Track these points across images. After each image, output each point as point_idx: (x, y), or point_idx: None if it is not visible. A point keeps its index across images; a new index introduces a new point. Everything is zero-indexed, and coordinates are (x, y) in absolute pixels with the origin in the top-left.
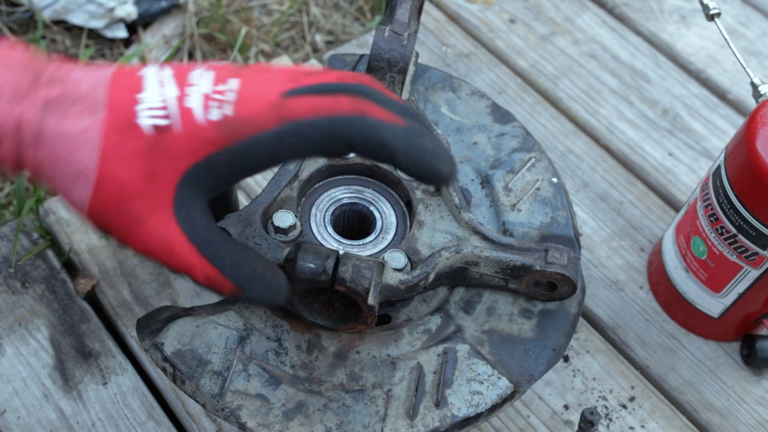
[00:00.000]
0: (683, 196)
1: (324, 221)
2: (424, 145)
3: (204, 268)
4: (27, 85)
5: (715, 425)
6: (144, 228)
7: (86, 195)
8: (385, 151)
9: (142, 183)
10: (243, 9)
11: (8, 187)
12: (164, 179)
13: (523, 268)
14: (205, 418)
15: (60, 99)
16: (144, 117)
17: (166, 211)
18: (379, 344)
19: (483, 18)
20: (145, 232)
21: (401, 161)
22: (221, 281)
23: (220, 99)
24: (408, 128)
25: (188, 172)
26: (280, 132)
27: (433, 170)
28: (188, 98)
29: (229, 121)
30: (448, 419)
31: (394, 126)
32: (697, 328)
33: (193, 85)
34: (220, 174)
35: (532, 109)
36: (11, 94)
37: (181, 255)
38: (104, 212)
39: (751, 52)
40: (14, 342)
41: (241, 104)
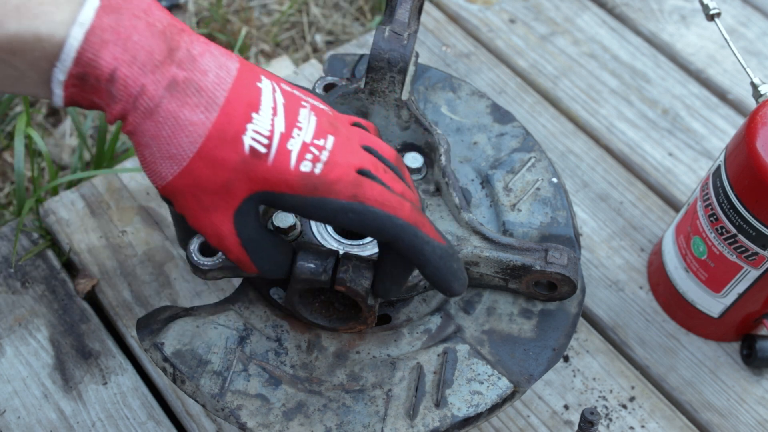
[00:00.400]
0: (683, 196)
1: None
2: (451, 266)
3: (238, 254)
4: (161, 58)
5: (715, 425)
6: (205, 216)
7: (170, 174)
8: (419, 261)
9: (219, 187)
10: (243, 9)
11: (8, 187)
12: (237, 191)
13: (523, 268)
14: (205, 418)
15: (185, 84)
16: (249, 136)
17: (228, 212)
18: (379, 344)
19: (483, 18)
20: (205, 219)
21: (428, 272)
22: (248, 266)
23: (315, 155)
24: (445, 247)
25: (259, 194)
26: (347, 206)
27: (450, 287)
28: (291, 141)
29: (313, 178)
30: (448, 419)
31: (434, 243)
32: (697, 328)
33: (299, 128)
34: (279, 205)
35: (532, 109)
36: (144, 61)
37: (226, 243)
38: (178, 192)
39: (751, 52)
40: (14, 342)
41: (328, 167)
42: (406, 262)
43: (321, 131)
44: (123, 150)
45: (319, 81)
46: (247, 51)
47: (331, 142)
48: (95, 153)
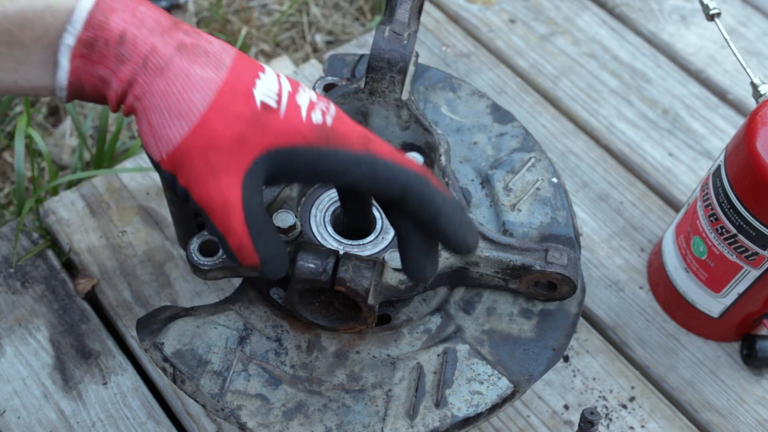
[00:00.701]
0: (683, 196)
1: (324, 221)
2: (463, 218)
3: (241, 236)
4: (168, 26)
5: (715, 425)
6: (214, 180)
7: (181, 133)
8: (432, 212)
9: (232, 142)
10: (243, 9)
11: (8, 187)
12: (250, 147)
13: (523, 268)
14: (205, 418)
15: (193, 47)
16: (260, 91)
17: (238, 174)
18: (379, 344)
19: (483, 18)
20: (213, 185)
21: (441, 225)
22: (249, 253)
23: (323, 110)
24: (455, 201)
25: (272, 152)
26: (360, 157)
27: (465, 241)
28: (299, 96)
29: (325, 128)
30: (448, 419)
31: (445, 196)
32: (697, 328)
33: (303, 89)
34: (291, 167)
35: (532, 109)
36: (152, 27)
37: (231, 217)
38: (186, 156)
39: (751, 52)
40: (14, 342)
41: (338, 122)
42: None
43: (321, 97)
44: (123, 150)
45: (319, 81)
46: (247, 51)
47: (333, 107)
48: (95, 153)
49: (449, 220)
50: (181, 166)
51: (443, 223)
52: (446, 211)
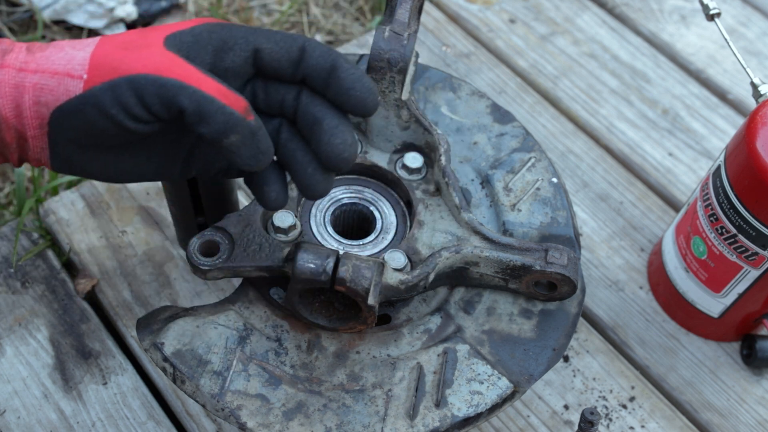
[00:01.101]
0: (683, 196)
1: (324, 221)
2: (358, 70)
3: (212, 83)
4: (7, 46)
5: (715, 425)
6: (144, 51)
7: (87, 50)
8: (331, 59)
9: (137, 37)
10: (243, 9)
11: (8, 187)
12: (153, 37)
13: (523, 268)
14: (205, 418)
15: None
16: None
17: (161, 46)
18: (379, 344)
19: (483, 18)
20: (145, 55)
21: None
22: (234, 96)
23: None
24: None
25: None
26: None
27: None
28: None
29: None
30: (448, 419)
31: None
32: (697, 328)
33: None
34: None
35: (532, 109)
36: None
37: (184, 69)
38: (105, 56)
39: (751, 52)
40: (14, 342)
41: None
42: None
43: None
44: None
45: None
46: None
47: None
48: None
49: (349, 70)
50: (105, 65)
51: (344, 71)
52: (342, 60)
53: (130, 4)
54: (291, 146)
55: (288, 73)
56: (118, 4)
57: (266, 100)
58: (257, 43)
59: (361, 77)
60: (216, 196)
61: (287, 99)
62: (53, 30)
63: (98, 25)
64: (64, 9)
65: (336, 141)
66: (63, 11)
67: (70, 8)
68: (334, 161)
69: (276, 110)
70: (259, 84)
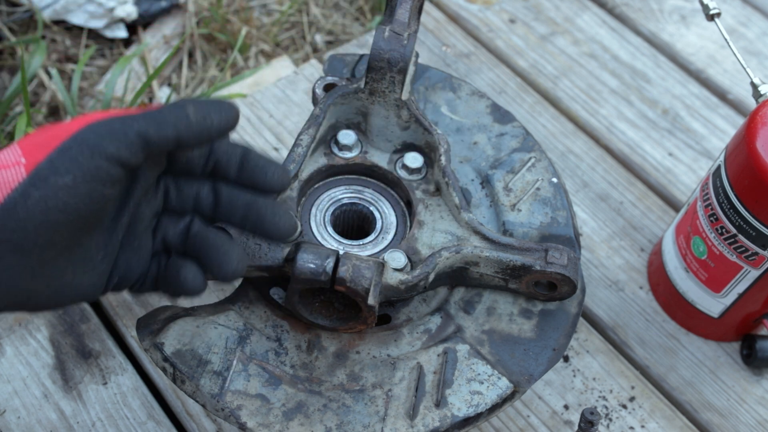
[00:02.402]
0: (683, 196)
1: (324, 221)
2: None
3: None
4: None
5: (715, 425)
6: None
7: (11, 147)
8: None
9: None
10: (243, 9)
11: None
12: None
13: (523, 268)
14: (205, 418)
15: None
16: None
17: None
18: (379, 344)
19: (483, 18)
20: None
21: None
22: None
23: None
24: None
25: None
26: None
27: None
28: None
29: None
30: (448, 419)
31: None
32: (697, 328)
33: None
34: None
35: (532, 109)
36: None
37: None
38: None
39: (751, 52)
40: (14, 342)
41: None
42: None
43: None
44: None
45: (319, 81)
46: (247, 51)
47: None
48: None
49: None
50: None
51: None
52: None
53: (130, 4)
54: (203, 234)
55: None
56: (118, 4)
57: (179, 197)
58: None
59: (269, 159)
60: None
61: (202, 192)
62: (53, 30)
63: (98, 25)
64: (64, 9)
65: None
66: (63, 11)
67: (70, 8)
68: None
69: (189, 206)
70: (170, 180)
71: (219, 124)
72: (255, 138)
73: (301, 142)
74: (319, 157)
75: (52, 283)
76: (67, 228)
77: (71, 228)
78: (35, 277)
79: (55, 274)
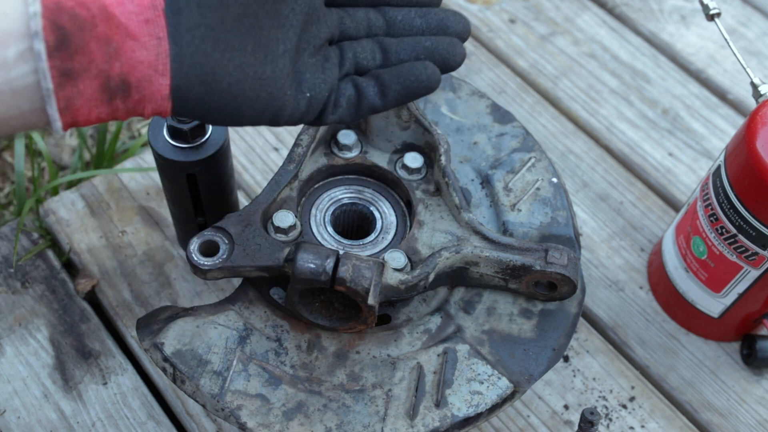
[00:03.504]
0: (683, 196)
1: (324, 221)
2: None
3: None
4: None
5: (715, 425)
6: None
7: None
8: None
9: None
10: None
11: (8, 187)
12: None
13: (523, 268)
14: (205, 418)
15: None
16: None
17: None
18: (379, 344)
19: (483, 18)
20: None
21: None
22: None
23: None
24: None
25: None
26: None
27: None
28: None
29: None
30: (448, 419)
31: None
32: (697, 328)
33: None
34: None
35: (532, 109)
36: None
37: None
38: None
39: (751, 52)
40: (14, 342)
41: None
42: None
43: None
44: (123, 150)
45: None
46: None
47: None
48: (95, 153)
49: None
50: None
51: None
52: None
53: None
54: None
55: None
56: None
57: (353, 22)
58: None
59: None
60: (216, 196)
61: (371, 16)
62: None
63: None
64: None
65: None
66: None
67: None
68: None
69: (363, 31)
70: (340, 10)
71: None
72: (255, 138)
73: (301, 142)
74: (319, 157)
75: (234, 57)
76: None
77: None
78: (217, 44)
79: (234, 43)
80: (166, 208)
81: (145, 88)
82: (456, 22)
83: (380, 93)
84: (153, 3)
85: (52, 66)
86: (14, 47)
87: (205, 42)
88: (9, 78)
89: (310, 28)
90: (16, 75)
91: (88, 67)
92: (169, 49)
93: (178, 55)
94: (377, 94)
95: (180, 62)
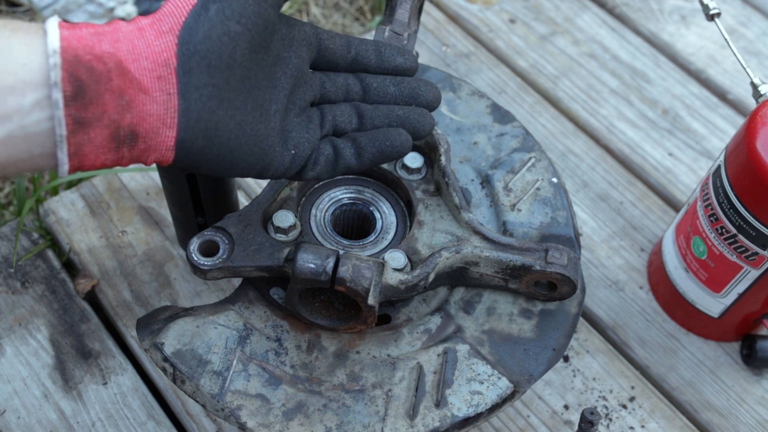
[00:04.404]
0: (683, 196)
1: (324, 221)
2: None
3: None
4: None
5: (715, 425)
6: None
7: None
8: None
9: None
10: None
11: (8, 187)
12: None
13: (523, 268)
14: (205, 418)
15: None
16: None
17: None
18: (379, 344)
19: (483, 18)
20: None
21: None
22: None
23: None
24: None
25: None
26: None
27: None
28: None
29: None
30: (448, 419)
31: None
32: (697, 328)
33: None
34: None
35: (532, 109)
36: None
37: None
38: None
39: (751, 52)
40: (14, 342)
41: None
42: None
43: None
44: None
45: None
46: None
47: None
48: None
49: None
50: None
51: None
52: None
53: (130, 4)
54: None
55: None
56: (118, 4)
57: (333, 86)
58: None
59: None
60: (216, 197)
61: (349, 82)
62: None
63: None
64: (64, 9)
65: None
66: (63, 11)
67: (70, 8)
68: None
69: (341, 96)
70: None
71: None
72: None
73: None
74: None
75: (235, 115)
76: (244, 41)
77: (246, 43)
78: (222, 102)
79: (236, 102)
80: (166, 208)
81: (152, 139)
82: (427, 91)
83: (357, 154)
84: (166, 61)
85: (68, 114)
86: (31, 95)
87: (212, 100)
88: (23, 124)
89: (297, 91)
90: (31, 121)
91: (100, 117)
92: (178, 104)
93: (186, 110)
94: (354, 155)
95: (187, 117)
